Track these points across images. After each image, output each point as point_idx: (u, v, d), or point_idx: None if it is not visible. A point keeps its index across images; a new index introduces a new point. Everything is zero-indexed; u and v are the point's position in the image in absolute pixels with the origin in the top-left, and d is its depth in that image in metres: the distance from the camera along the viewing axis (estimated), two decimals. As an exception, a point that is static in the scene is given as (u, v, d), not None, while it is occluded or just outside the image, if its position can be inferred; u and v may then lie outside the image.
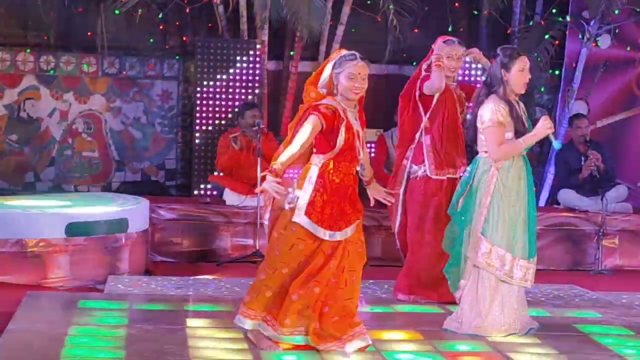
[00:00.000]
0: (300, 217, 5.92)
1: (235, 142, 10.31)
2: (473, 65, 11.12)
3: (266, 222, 6.11)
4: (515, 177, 6.59)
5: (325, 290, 5.97)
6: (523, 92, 6.67)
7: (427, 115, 7.78)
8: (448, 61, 7.78)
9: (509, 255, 6.54)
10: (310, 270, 5.94)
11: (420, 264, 7.74)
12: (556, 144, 6.59)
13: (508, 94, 6.59)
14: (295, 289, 5.91)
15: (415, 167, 7.82)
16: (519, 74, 6.58)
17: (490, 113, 6.54)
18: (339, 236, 5.97)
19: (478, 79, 10.92)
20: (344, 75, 5.94)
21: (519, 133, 6.55)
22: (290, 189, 5.94)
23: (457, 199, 6.75)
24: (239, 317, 6.07)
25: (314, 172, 5.97)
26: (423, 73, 7.87)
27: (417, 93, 7.82)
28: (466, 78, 11.03)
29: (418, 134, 7.84)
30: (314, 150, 6.01)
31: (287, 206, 5.93)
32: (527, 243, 6.61)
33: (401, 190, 7.86)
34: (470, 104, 7.43)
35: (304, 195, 5.93)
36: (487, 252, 6.54)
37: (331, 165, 5.96)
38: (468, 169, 6.80)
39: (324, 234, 5.93)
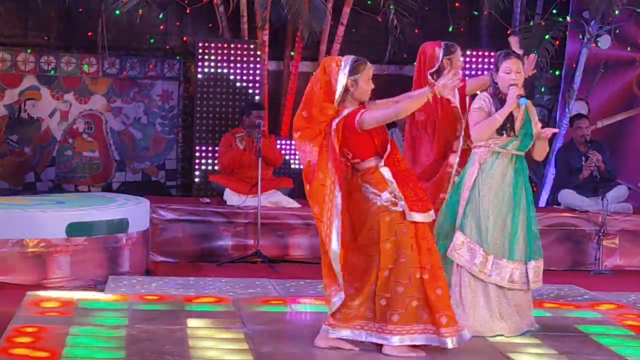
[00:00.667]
0: (410, 214, 5.96)
1: (241, 142, 10.29)
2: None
3: (336, 248, 5.98)
4: (498, 175, 6.62)
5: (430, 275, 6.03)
6: (506, 91, 6.65)
7: (464, 122, 7.70)
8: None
9: (480, 250, 6.57)
10: (423, 260, 6.02)
11: None
12: (522, 101, 6.61)
13: (498, 94, 6.65)
14: (440, 283, 5.98)
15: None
16: (504, 76, 6.64)
17: (477, 100, 6.71)
18: (430, 216, 6.09)
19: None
20: (363, 79, 6.00)
21: (505, 130, 6.59)
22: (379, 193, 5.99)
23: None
24: (386, 337, 5.95)
25: (385, 171, 6.00)
26: (430, 80, 7.76)
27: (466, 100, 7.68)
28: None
29: (459, 141, 7.69)
30: (358, 160, 6.03)
31: (392, 208, 5.96)
32: (509, 243, 6.61)
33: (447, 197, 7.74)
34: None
35: (395, 193, 5.96)
36: (460, 244, 6.60)
37: (391, 160, 6.03)
38: None
39: (427, 217, 6.04)
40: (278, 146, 10.81)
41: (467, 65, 11.29)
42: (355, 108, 6.00)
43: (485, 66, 11.32)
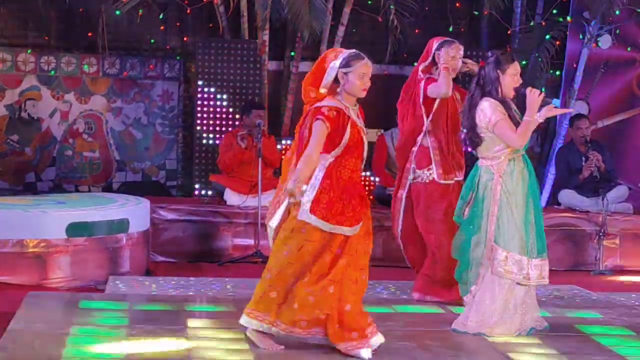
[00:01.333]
0: (305, 215, 5.91)
1: (242, 140, 10.28)
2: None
3: (273, 225, 6.09)
4: (518, 180, 6.63)
5: (341, 289, 5.97)
6: (511, 96, 6.69)
7: (430, 118, 7.73)
8: (452, 62, 7.73)
9: (525, 259, 6.58)
10: (320, 270, 5.94)
11: (436, 265, 7.73)
12: (555, 102, 6.62)
13: (502, 94, 6.63)
14: (309, 289, 5.92)
15: (419, 172, 7.76)
16: (511, 78, 6.63)
17: (491, 110, 6.60)
18: (348, 231, 5.97)
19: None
20: (354, 75, 5.96)
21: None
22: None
23: (461, 207, 6.78)
24: (244, 317, 6.05)
25: (319, 170, 5.97)
26: (420, 75, 7.81)
27: (421, 96, 7.74)
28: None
29: (420, 137, 7.78)
30: (322, 150, 6.00)
31: (288, 200, 5.93)
32: (536, 240, 6.64)
33: (404, 194, 7.83)
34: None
35: (309, 193, 5.93)
36: (504, 260, 6.57)
37: (338, 163, 5.97)
38: (471, 174, 6.81)
39: (333, 229, 5.92)
40: (279, 146, 10.81)
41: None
42: (323, 105, 5.95)
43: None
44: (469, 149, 7.20)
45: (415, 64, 8.01)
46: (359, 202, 6.01)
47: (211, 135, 11.15)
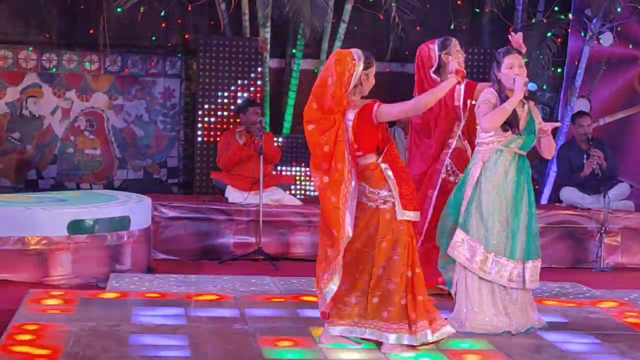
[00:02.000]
0: (400, 213, 5.97)
1: (240, 137, 10.27)
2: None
3: (350, 233, 6.00)
4: (500, 173, 6.61)
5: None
6: (513, 86, 6.63)
7: (463, 123, 7.69)
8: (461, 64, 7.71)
9: (481, 248, 6.57)
10: (413, 259, 6.05)
11: None
12: (531, 86, 6.59)
13: (502, 90, 6.63)
14: (420, 289, 6.01)
15: (458, 172, 7.66)
16: (507, 71, 6.63)
17: (483, 95, 6.69)
18: (418, 216, 6.13)
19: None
20: (371, 75, 6.07)
21: (510, 126, 6.58)
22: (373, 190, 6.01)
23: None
24: (378, 332, 5.99)
25: (385, 167, 6.00)
26: (434, 77, 7.76)
27: (467, 102, 7.65)
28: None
29: (454, 140, 7.71)
30: (361, 153, 6.02)
31: (382, 206, 5.98)
32: (511, 241, 6.61)
33: (435, 193, 7.73)
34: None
35: (393, 192, 5.97)
36: (460, 242, 6.60)
37: (389, 157, 6.03)
38: None
39: (417, 216, 6.07)
40: (280, 142, 10.81)
41: (469, 63, 11.28)
42: (367, 101, 6.02)
43: (487, 64, 11.31)
44: None
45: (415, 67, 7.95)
46: (414, 187, 6.16)
47: (212, 133, 11.16)
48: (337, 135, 5.99)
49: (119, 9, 11.15)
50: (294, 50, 11.69)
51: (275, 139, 10.95)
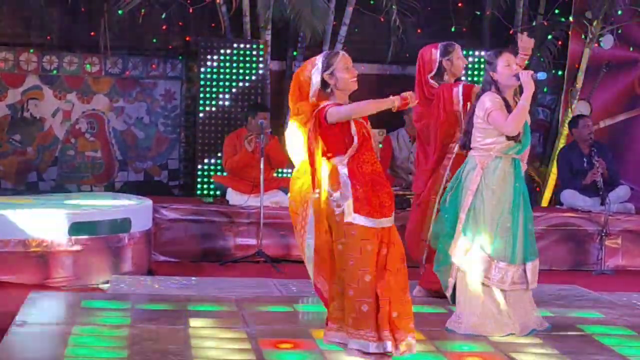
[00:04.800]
0: (350, 217, 5.81)
1: (249, 144, 10.21)
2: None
3: (311, 242, 5.98)
4: (500, 179, 6.61)
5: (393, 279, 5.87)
6: (513, 83, 6.62)
7: (464, 126, 7.68)
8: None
9: (484, 255, 6.57)
10: (381, 263, 5.84)
11: None
12: (541, 75, 6.57)
13: (501, 92, 6.62)
14: (387, 295, 5.79)
15: None
16: (505, 69, 6.60)
17: (489, 101, 6.59)
18: (386, 222, 5.87)
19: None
20: (340, 70, 5.93)
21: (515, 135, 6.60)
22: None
23: (446, 195, 6.81)
24: (354, 341, 5.81)
25: (343, 171, 5.90)
26: (433, 83, 7.76)
27: (460, 102, 7.64)
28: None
29: (456, 145, 7.69)
30: (328, 155, 5.93)
31: (336, 210, 5.87)
32: (511, 247, 6.61)
33: (437, 199, 7.69)
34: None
35: (345, 195, 5.87)
36: (465, 250, 6.60)
37: (356, 160, 5.89)
38: (462, 165, 6.83)
39: (380, 223, 5.83)
40: (281, 145, 10.79)
41: (469, 66, 11.29)
42: (333, 102, 5.95)
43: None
44: None
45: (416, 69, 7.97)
46: (386, 193, 5.92)
47: (213, 135, 11.16)
48: (307, 135, 5.97)
49: (120, 11, 11.15)
50: (295, 53, 11.70)
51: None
